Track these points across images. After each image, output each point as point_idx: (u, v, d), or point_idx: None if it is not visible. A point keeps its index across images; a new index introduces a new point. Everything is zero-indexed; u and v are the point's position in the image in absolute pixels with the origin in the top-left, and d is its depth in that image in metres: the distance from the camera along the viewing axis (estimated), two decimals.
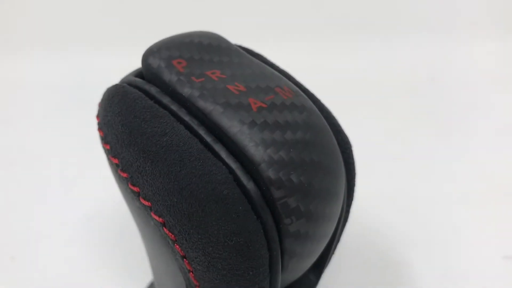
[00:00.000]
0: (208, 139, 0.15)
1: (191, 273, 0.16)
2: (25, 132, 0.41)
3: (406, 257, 0.30)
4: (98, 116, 0.17)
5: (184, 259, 0.15)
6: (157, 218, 0.15)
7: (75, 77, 0.47)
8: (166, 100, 0.16)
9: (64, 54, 0.49)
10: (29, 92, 0.46)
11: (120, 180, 0.16)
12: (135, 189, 0.16)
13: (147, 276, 0.27)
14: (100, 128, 0.17)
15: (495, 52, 0.52)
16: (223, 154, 0.15)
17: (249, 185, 0.14)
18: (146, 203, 0.15)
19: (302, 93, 0.17)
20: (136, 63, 0.18)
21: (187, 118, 0.15)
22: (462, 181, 0.36)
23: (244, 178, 0.14)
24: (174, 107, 0.16)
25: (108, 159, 0.17)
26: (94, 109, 0.18)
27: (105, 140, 0.17)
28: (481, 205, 0.34)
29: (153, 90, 0.16)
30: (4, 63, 0.49)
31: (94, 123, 0.17)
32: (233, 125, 0.15)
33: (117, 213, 0.32)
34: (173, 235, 0.15)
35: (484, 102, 0.45)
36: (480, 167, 0.37)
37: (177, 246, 0.15)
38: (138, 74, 0.18)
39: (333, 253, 0.20)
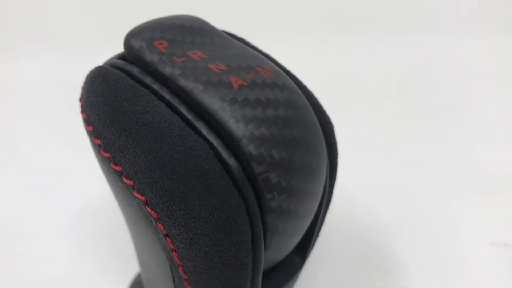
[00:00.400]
0: (189, 116, 0.15)
1: (174, 252, 0.16)
2: (14, 129, 0.41)
3: (393, 245, 0.30)
4: (81, 99, 0.18)
5: (167, 238, 0.15)
6: (139, 196, 0.15)
7: (66, 76, 0.47)
8: (147, 79, 0.16)
9: (60, 54, 0.49)
10: (19, 90, 0.46)
11: (103, 160, 0.16)
12: (118, 168, 0.16)
13: (136, 269, 0.27)
14: (83, 110, 0.17)
15: (483, 51, 0.53)
16: (204, 131, 0.15)
17: (230, 160, 0.15)
18: (129, 182, 0.15)
19: (283, 73, 0.17)
20: None
21: (168, 96, 0.15)
22: (449, 173, 0.36)
23: (225, 154, 0.15)
24: (155, 86, 0.16)
25: (91, 140, 0.17)
26: None
27: (88, 121, 0.17)
28: (468, 195, 0.34)
29: (134, 70, 0.16)
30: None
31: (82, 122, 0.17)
32: (214, 102, 0.15)
33: (106, 208, 0.32)
34: (155, 213, 0.15)
35: (471, 99, 0.46)
36: (466, 160, 0.38)
37: (160, 225, 0.15)
38: (121, 57, 0.18)
39: (317, 235, 0.20)
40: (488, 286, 0.27)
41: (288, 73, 0.18)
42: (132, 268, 0.28)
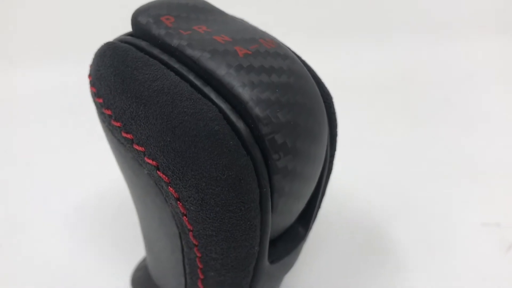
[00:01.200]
0: (198, 83, 0.16)
1: (184, 216, 0.16)
2: (13, 127, 0.41)
3: (388, 230, 0.31)
4: (90, 75, 0.18)
5: (178, 202, 0.16)
6: (150, 162, 0.16)
7: (61, 84, 0.48)
8: (156, 51, 0.17)
9: (52, 64, 0.50)
10: (22, 96, 0.47)
11: (113, 131, 0.17)
12: (129, 136, 0.16)
13: (139, 257, 0.28)
14: (92, 85, 0.18)
15: (467, 51, 0.56)
16: (213, 95, 0.15)
17: (238, 123, 0.15)
18: (140, 148, 0.16)
19: (284, 45, 0.18)
20: None
21: (176, 65, 0.16)
22: (439, 163, 0.37)
23: (233, 117, 0.15)
24: (164, 56, 0.16)
25: (101, 113, 0.17)
26: (82, 111, 0.18)
27: (97, 94, 0.17)
28: (457, 182, 0.35)
29: (143, 43, 0.17)
30: None
31: (81, 120, 0.18)
32: (220, 69, 0.16)
33: (105, 203, 0.33)
34: (166, 177, 0.16)
35: (455, 96, 0.48)
36: (454, 150, 0.39)
37: (171, 188, 0.16)
38: (128, 35, 0.19)
39: (319, 206, 0.21)
40: (481, 264, 0.28)
41: (288, 48, 0.19)
42: (135, 257, 0.28)
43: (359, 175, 0.36)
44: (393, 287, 0.26)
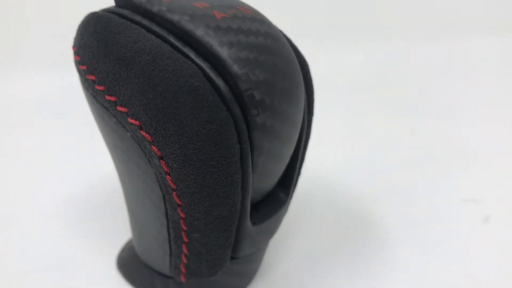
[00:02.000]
0: (178, 44, 0.16)
1: (168, 175, 0.17)
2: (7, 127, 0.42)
3: (371, 210, 0.32)
4: (73, 46, 0.19)
5: (161, 160, 0.17)
6: (134, 121, 0.16)
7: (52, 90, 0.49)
8: (137, 17, 0.17)
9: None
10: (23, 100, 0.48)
11: (97, 96, 0.17)
12: (112, 98, 0.17)
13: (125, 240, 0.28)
14: (76, 54, 0.18)
15: (446, 50, 0.59)
16: (192, 55, 0.16)
17: (218, 80, 0.16)
18: (123, 109, 0.17)
19: (261, 13, 0.19)
20: None
21: (157, 29, 0.17)
22: (418, 148, 0.39)
23: (212, 74, 0.16)
24: (145, 22, 0.17)
25: (85, 80, 0.18)
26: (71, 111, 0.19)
27: (81, 62, 0.18)
28: (436, 163, 0.37)
29: (125, 11, 0.18)
30: None
31: (71, 121, 0.18)
32: (199, 29, 0.16)
33: (94, 194, 0.33)
34: (149, 135, 0.16)
35: (433, 89, 0.51)
36: (433, 137, 0.41)
37: (154, 147, 0.16)
38: (110, 7, 0.19)
39: (299, 172, 0.22)
40: (461, 235, 0.29)
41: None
42: (121, 242, 0.28)
43: (342, 162, 0.37)
44: (377, 262, 0.27)
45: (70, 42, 0.19)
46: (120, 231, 0.29)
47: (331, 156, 0.37)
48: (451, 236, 0.29)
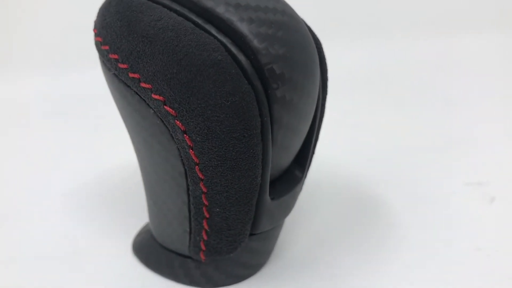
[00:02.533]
0: (199, 21, 0.17)
1: (191, 149, 0.17)
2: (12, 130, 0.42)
3: (379, 195, 0.32)
4: (94, 28, 0.19)
5: (185, 134, 0.17)
6: (157, 97, 0.17)
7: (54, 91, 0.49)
8: None
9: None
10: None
11: (120, 75, 0.18)
12: (136, 75, 0.17)
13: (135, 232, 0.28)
14: (98, 36, 0.19)
15: (441, 47, 0.60)
16: (214, 31, 0.17)
17: (239, 55, 0.17)
18: (147, 85, 0.17)
19: None
20: None
21: (178, 7, 0.17)
22: (423, 135, 0.40)
23: (234, 49, 0.17)
24: (166, 1, 0.18)
25: (108, 60, 0.18)
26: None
27: (103, 42, 0.18)
28: (440, 150, 0.37)
29: None
30: None
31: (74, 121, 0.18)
32: (220, 7, 0.17)
33: (99, 189, 0.33)
34: (173, 110, 0.17)
35: (432, 83, 0.52)
36: (437, 125, 0.42)
37: (178, 122, 0.17)
38: None
39: (313, 151, 0.22)
40: (469, 215, 0.30)
41: None
42: (135, 227, 0.28)
43: (349, 149, 0.38)
44: (388, 241, 0.28)
45: (70, 42, 0.20)
46: (132, 216, 0.29)
47: (341, 144, 0.38)
48: (459, 215, 0.29)
